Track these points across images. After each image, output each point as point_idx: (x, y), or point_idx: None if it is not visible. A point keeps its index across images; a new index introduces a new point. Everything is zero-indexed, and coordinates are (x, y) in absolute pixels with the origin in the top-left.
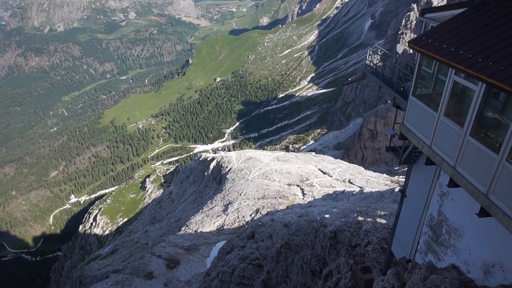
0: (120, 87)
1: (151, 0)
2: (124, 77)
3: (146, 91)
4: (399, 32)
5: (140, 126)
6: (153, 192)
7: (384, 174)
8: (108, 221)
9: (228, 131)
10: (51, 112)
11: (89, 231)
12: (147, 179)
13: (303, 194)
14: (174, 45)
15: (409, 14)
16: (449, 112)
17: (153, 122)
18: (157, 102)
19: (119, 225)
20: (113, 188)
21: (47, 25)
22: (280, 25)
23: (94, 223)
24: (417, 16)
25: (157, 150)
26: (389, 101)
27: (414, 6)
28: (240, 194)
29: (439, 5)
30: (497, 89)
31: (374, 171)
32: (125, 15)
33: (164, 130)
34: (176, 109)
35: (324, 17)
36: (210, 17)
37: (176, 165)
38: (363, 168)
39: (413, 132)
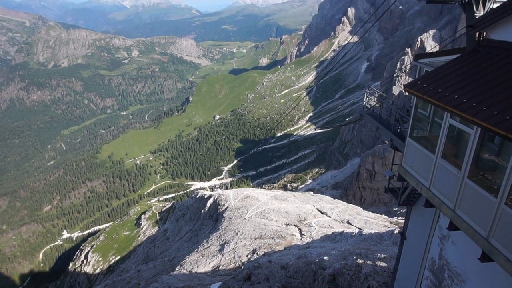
0: (120, 123)
1: (154, 40)
2: (124, 113)
3: (145, 127)
4: (395, 75)
5: (138, 162)
6: (147, 229)
7: (383, 215)
8: (100, 259)
9: (226, 168)
10: (49, 146)
11: (80, 269)
12: (142, 216)
13: (301, 234)
14: (175, 82)
15: (404, 58)
16: (446, 154)
17: (151, 158)
18: (156, 138)
19: (111, 263)
20: (107, 224)
21: (52, 61)
22: (279, 66)
23: (85, 261)
24: (411, 60)
25: (153, 186)
26: (386, 141)
27: (408, 50)
28: (237, 234)
29: (432, 51)
30: (492, 133)
31: (372, 212)
32: (128, 53)
33: (161, 166)
34: (175, 145)
35: (321, 59)
36: (211, 57)
37: (173, 202)
38: (361, 209)
39: (411, 173)
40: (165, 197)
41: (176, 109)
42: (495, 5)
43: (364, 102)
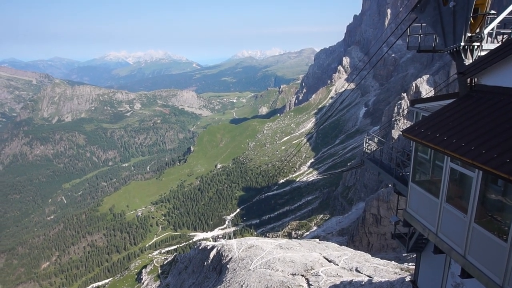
0: (122, 174)
1: (156, 93)
2: (126, 164)
3: (147, 178)
4: (393, 119)
5: (139, 214)
6: (149, 284)
7: (393, 261)
8: None
9: (228, 218)
10: (50, 200)
11: None
12: (143, 270)
13: (309, 285)
14: (176, 133)
15: (401, 102)
16: (450, 198)
17: (152, 209)
18: (157, 189)
19: None
20: (106, 280)
21: (56, 116)
22: (279, 114)
23: None
24: (408, 105)
25: (155, 238)
26: (390, 185)
27: (404, 95)
28: (242, 286)
29: (427, 95)
30: (493, 176)
31: (381, 258)
32: (130, 106)
33: (163, 218)
34: (177, 195)
35: (320, 106)
36: (212, 108)
37: (175, 254)
38: (369, 255)
39: (417, 219)
40: (167, 249)
41: (178, 159)
42: (483, 53)
43: (364, 148)
